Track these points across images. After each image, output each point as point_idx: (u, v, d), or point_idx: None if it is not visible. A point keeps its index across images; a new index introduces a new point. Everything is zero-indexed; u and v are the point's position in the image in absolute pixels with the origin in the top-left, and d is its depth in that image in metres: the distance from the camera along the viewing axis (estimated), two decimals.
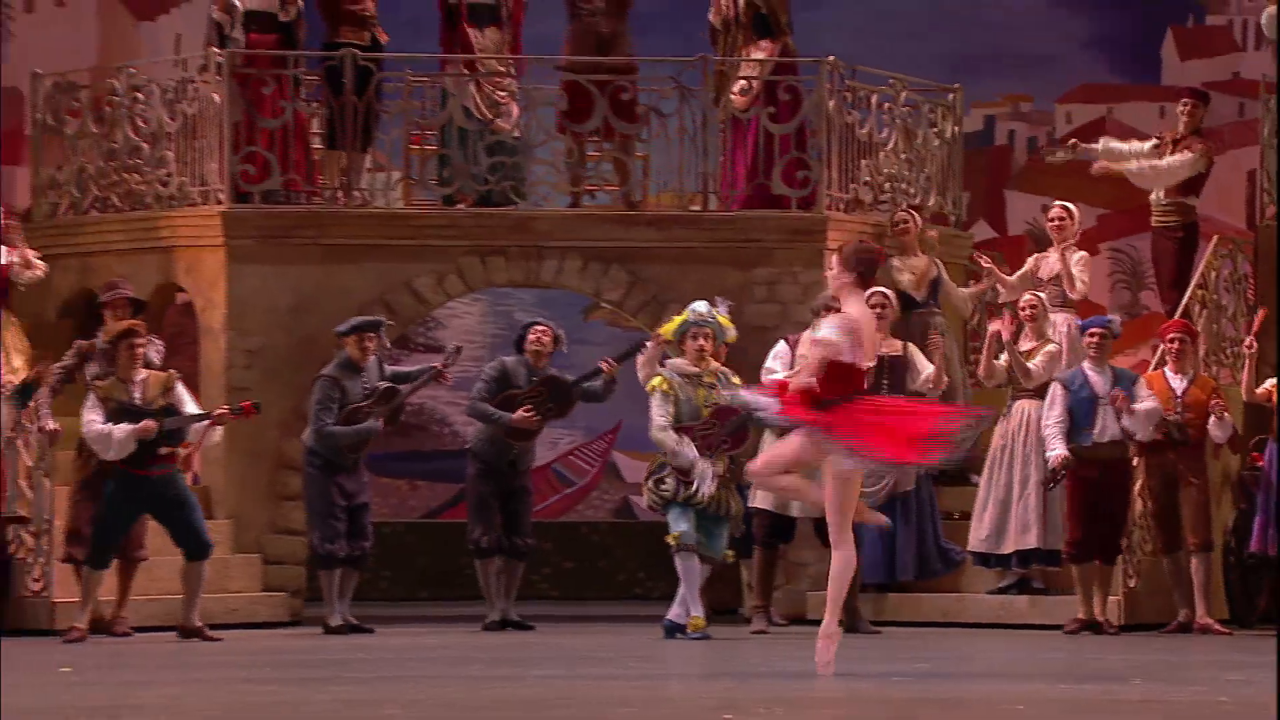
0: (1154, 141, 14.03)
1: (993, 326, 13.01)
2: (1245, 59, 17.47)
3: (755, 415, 11.90)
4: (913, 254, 13.87)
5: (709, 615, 12.06)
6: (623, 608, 14.97)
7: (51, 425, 12.28)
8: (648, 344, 12.30)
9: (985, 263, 14.15)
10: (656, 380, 11.98)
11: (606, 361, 12.72)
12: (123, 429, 11.77)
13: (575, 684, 9.31)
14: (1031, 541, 12.82)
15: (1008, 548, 12.91)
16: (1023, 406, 12.98)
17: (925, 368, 12.91)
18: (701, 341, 11.98)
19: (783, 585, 13.23)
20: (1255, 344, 12.88)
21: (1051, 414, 12.62)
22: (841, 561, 9.33)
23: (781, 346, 12.65)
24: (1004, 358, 12.93)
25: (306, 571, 13.41)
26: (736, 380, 12.05)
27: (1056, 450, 12.49)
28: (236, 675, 9.95)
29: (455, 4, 13.97)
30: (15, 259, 13.22)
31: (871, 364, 9.50)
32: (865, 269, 9.42)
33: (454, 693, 8.90)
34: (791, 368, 12.33)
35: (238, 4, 13.85)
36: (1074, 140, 14.21)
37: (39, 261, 13.28)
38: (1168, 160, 13.81)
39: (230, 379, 13.54)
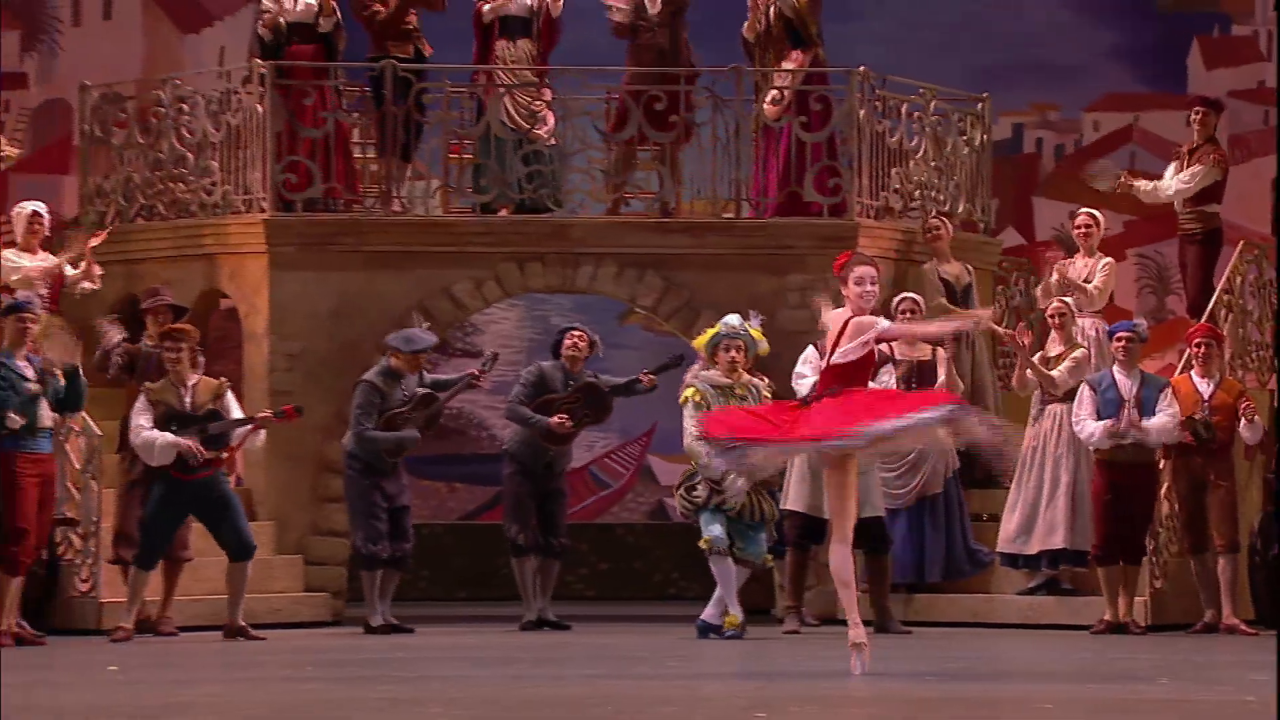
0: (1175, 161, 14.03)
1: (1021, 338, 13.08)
2: (1270, 68, 17.45)
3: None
4: (946, 260, 13.90)
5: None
6: (657, 608, 15.00)
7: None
8: (695, 365, 12.27)
9: (1050, 255, 14.15)
10: (689, 392, 12.02)
11: (646, 375, 12.79)
12: (165, 439, 11.85)
13: (613, 683, 9.35)
14: (1058, 542, 12.84)
15: (1034, 548, 12.93)
16: (1054, 410, 13.00)
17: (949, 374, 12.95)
18: (734, 354, 12.02)
19: (814, 586, 13.25)
20: None
21: (1080, 411, 12.64)
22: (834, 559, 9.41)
23: (810, 351, 12.68)
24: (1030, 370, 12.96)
25: (347, 572, 13.48)
26: (768, 393, 12.10)
27: (1096, 426, 12.46)
28: (281, 674, 10.00)
29: (490, 22, 14.04)
30: (79, 272, 13.30)
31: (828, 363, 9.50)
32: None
33: (495, 691, 8.94)
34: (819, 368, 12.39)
35: (282, 21, 13.91)
36: (1125, 176, 14.12)
37: (98, 279, 13.40)
38: (1176, 180, 13.75)
39: (272, 382, 13.62)
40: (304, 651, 11.44)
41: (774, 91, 14.04)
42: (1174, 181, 13.80)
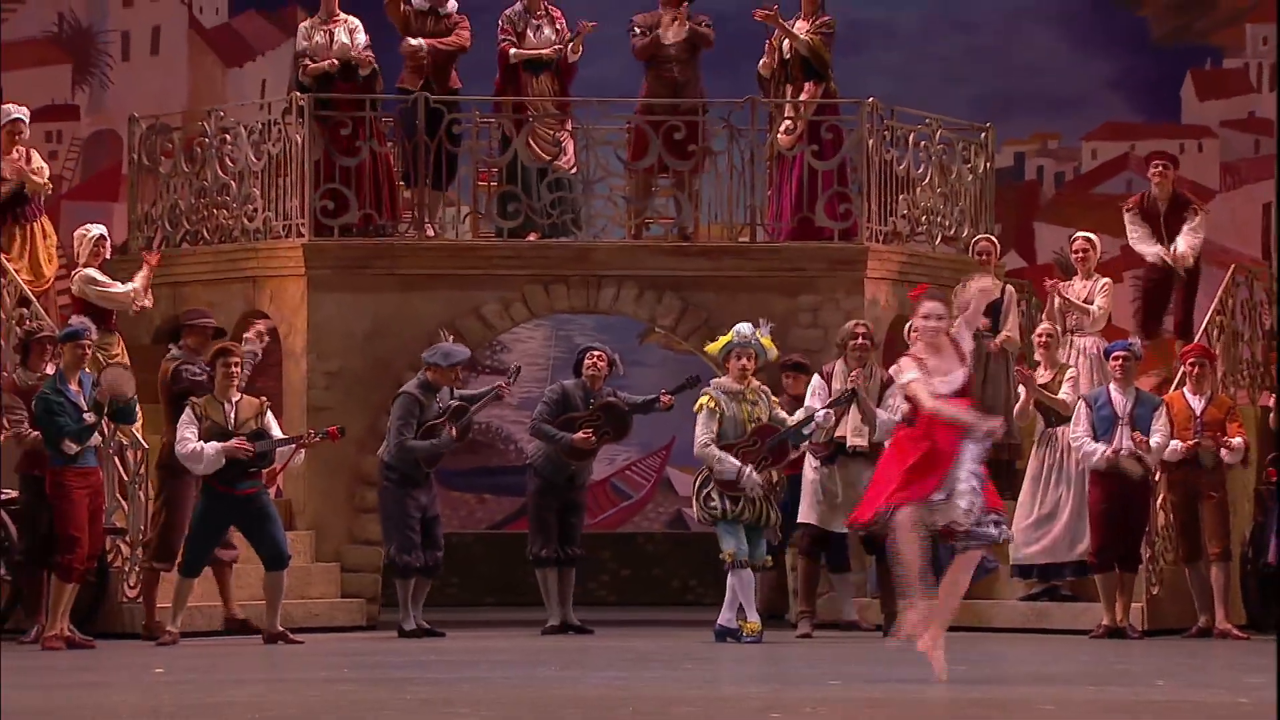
0: (1139, 228, 13.77)
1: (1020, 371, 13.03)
2: (1261, 99, 17.46)
3: (795, 431, 11.95)
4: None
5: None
6: (676, 613, 14.97)
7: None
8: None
9: (1051, 285, 14.01)
10: (703, 399, 12.01)
11: (666, 394, 12.78)
12: (213, 446, 11.85)
13: (633, 685, 9.32)
14: (1085, 554, 12.73)
15: (1060, 558, 12.82)
16: (1061, 430, 12.90)
17: None
18: (745, 361, 12.00)
19: (826, 593, 13.22)
20: None
21: (1077, 429, 12.58)
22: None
23: (817, 381, 12.63)
24: (1023, 392, 12.88)
25: (381, 579, 13.46)
26: (775, 399, 12.10)
27: (1098, 449, 12.38)
28: (318, 676, 9.98)
29: (516, 62, 14.05)
30: (138, 286, 13.35)
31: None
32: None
33: (521, 693, 8.91)
34: (827, 398, 12.33)
35: (329, 65, 13.86)
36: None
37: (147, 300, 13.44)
38: (1182, 246, 13.60)
39: (311, 399, 13.63)
40: (340, 655, 11.42)
41: (787, 122, 14.04)
42: (1186, 245, 13.60)
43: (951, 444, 9.11)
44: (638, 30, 14.16)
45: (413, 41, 13.99)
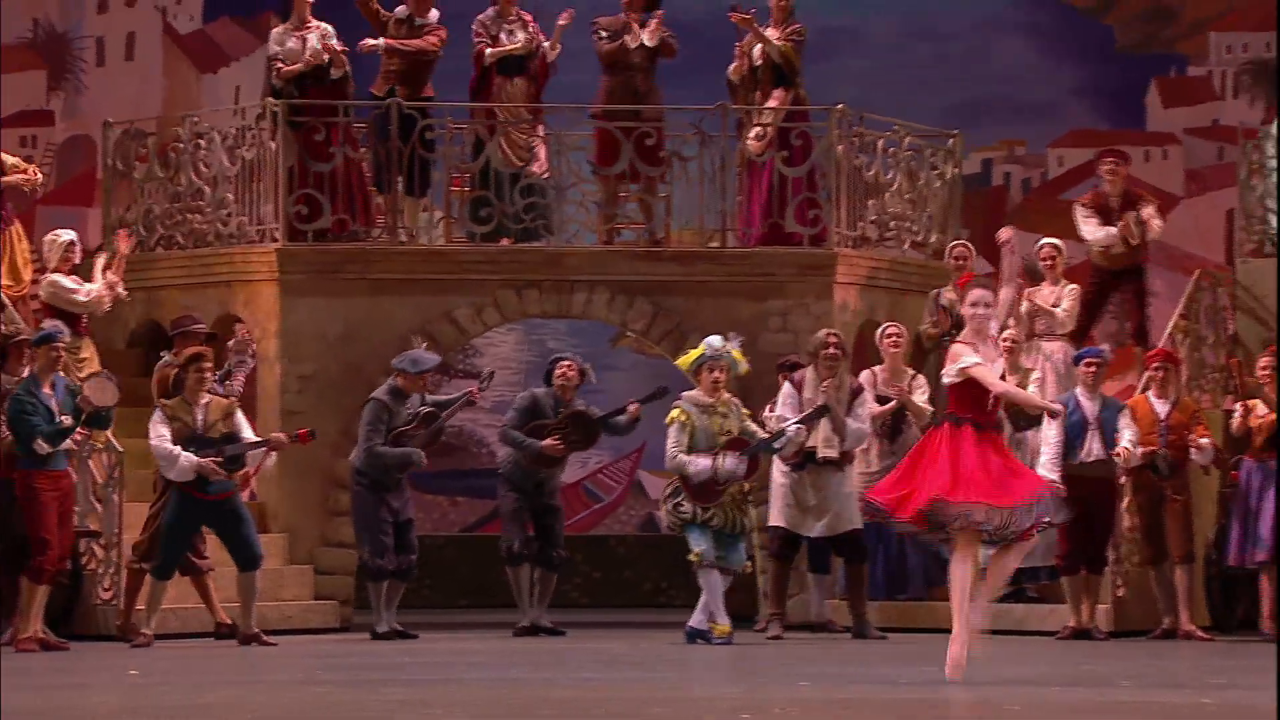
0: (1092, 219, 13.87)
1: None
2: (1224, 107, 17.57)
3: (766, 445, 11.99)
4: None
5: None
6: (647, 615, 15.01)
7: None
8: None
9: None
10: (675, 412, 12.04)
11: (634, 403, 12.81)
12: (188, 458, 11.85)
13: (606, 686, 9.36)
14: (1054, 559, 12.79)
15: (1033, 561, 12.87)
16: (1033, 433, 12.96)
17: (924, 411, 12.93)
18: (717, 374, 12.03)
19: (795, 594, 13.28)
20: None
21: (1049, 435, 12.61)
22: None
23: (787, 389, 12.65)
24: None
25: (355, 581, 13.48)
26: (745, 412, 12.14)
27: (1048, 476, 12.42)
28: (293, 678, 10.00)
29: (490, 65, 14.07)
30: (111, 279, 13.30)
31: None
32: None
33: (495, 694, 8.94)
34: (799, 410, 12.33)
35: (301, 66, 13.85)
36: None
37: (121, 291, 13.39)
38: (1144, 214, 13.72)
39: (284, 403, 13.64)
40: (314, 657, 11.43)
41: (757, 128, 14.09)
42: (1155, 229, 13.73)
43: (1033, 489, 9.02)
44: (603, 34, 14.19)
45: (370, 41, 14.01)
